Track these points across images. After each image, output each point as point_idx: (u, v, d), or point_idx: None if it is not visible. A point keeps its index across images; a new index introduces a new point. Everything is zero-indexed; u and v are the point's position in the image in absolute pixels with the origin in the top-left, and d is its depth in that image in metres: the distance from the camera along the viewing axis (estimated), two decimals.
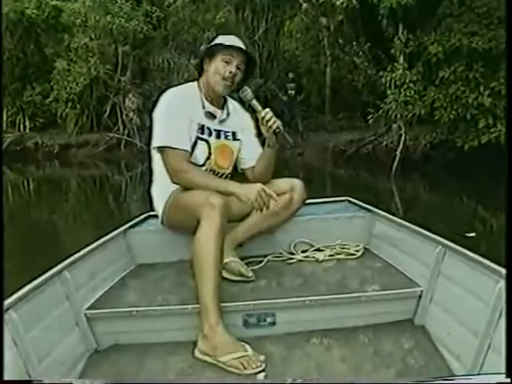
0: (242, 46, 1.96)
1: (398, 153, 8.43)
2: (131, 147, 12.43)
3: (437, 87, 7.91)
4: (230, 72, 1.92)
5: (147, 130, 11.87)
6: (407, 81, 8.03)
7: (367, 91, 10.86)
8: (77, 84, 12.42)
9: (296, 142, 10.29)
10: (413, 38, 8.27)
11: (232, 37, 2.03)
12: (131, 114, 12.59)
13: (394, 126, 8.98)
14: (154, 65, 12.98)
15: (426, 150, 8.63)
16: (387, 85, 8.29)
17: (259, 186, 1.78)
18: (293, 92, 11.43)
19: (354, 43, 10.77)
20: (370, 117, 8.99)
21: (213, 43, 1.99)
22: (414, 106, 8.01)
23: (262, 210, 1.78)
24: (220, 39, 1.99)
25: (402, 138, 8.54)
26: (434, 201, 6.84)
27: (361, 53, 10.65)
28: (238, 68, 1.95)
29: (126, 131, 12.61)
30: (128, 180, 9.73)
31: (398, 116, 8.37)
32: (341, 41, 11.22)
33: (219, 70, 1.93)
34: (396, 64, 8.34)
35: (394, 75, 8.15)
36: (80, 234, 5.01)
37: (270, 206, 1.79)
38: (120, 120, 12.78)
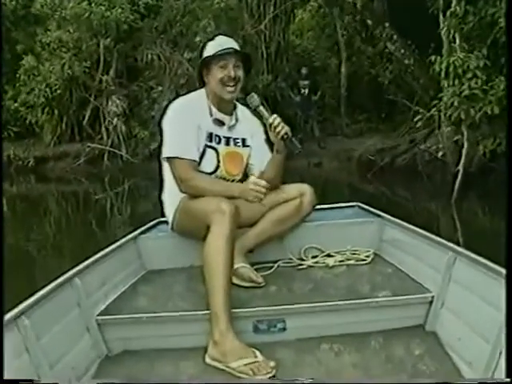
0: (230, 45, 2.40)
1: (460, 167, 7.40)
2: (116, 159, 12.73)
3: (506, 77, 6.78)
4: (229, 76, 2.37)
5: (134, 139, 12.28)
6: (472, 67, 7.02)
7: (395, 87, 11.09)
8: (47, 85, 12.65)
9: (312, 150, 10.48)
10: (473, 10, 7.36)
11: (220, 39, 2.49)
12: (115, 120, 12.84)
13: (446, 129, 8.28)
14: (142, 61, 13.18)
15: (484, 161, 7.87)
16: (442, 74, 7.32)
17: (250, 181, 2.24)
18: (306, 90, 11.58)
19: (387, 24, 10.49)
20: (417, 118, 8.42)
21: (204, 55, 2.44)
22: (484, 101, 6.99)
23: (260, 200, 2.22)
24: (209, 47, 2.44)
25: (465, 146, 7.56)
26: (497, 229, 6.01)
27: (395, 36, 10.30)
28: (236, 67, 2.39)
29: (110, 141, 12.82)
30: (113, 198, 9.94)
31: (463, 116, 7.25)
32: (369, 22, 11.01)
33: (218, 77, 2.38)
34: (454, 45, 7.47)
35: (453, 60, 7.15)
36: (57, 264, 5.24)
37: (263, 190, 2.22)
38: (103, 127, 13.02)
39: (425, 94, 9.62)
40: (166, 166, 2.48)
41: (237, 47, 2.42)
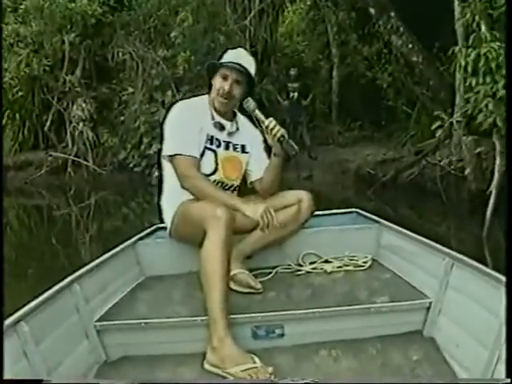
0: (242, 60, 2.79)
1: (492, 188, 6.55)
2: (81, 170, 12.80)
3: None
4: (224, 89, 2.75)
5: (102, 148, 12.39)
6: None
7: (394, 91, 11.32)
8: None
9: (301, 161, 10.63)
10: None
11: (236, 52, 2.89)
12: (81, 126, 12.92)
13: (467, 139, 7.51)
14: (113, 60, 13.26)
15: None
16: (469, 70, 6.63)
17: (265, 206, 2.50)
18: (296, 94, 11.67)
19: (393, 14, 10.19)
20: (436, 125, 7.62)
21: (219, 60, 2.81)
22: None
23: (264, 230, 2.48)
24: (226, 54, 2.84)
25: (498, 162, 6.70)
26: None
27: (401, 29, 10.02)
28: (236, 83, 2.77)
29: (75, 149, 12.89)
30: (78, 215, 9.84)
31: (499, 123, 6.40)
32: (372, 11, 10.73)
33: (216, 86, 2.78)
34: (483, 31, 6.68)
35: (484, 52, 6.41)
36: (15, 287, 5.25)
37: (274, 222, 2.48)
38: (69, 134, 13.06)
39: (427, 99, 9.75)
40: (166, 168, 2.81)
41: (246, 65, 2.78)
